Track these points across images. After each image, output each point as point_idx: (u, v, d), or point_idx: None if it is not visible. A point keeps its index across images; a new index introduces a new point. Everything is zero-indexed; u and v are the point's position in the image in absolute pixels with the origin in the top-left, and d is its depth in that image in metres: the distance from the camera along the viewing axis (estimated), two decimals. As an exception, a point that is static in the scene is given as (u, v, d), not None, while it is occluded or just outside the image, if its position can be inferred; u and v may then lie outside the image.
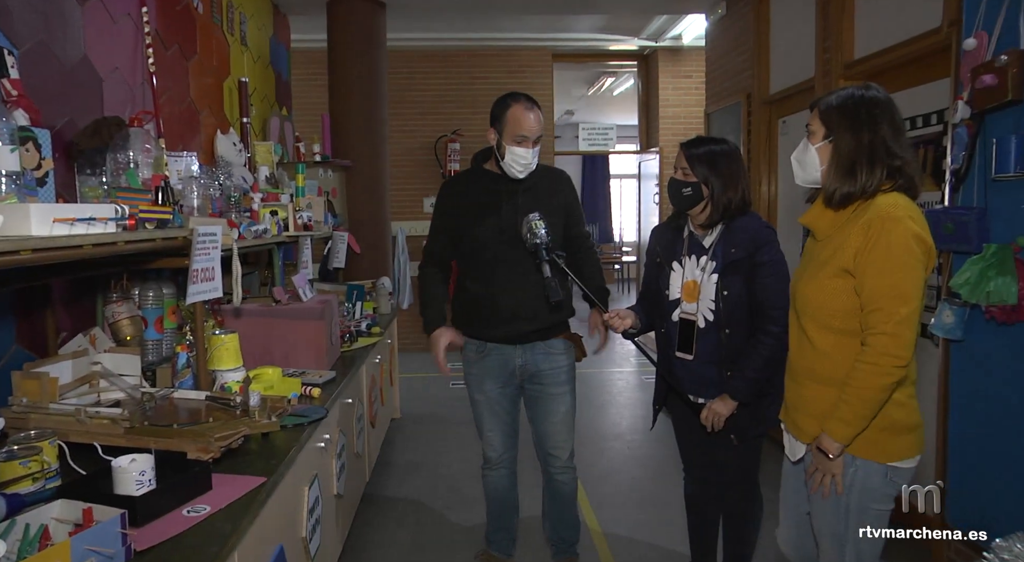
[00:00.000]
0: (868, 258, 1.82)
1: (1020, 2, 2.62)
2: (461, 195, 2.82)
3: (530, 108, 2.68)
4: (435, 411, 5.81)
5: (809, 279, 2.00)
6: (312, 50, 7.25)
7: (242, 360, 2.58)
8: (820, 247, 2.01)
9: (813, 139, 2.00)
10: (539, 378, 2.86)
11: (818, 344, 1.98)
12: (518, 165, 2.69)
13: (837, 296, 1.91)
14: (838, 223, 1.96)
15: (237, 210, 3.27)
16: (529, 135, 2.66)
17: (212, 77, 3.91)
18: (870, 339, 1.82)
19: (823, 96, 2.02)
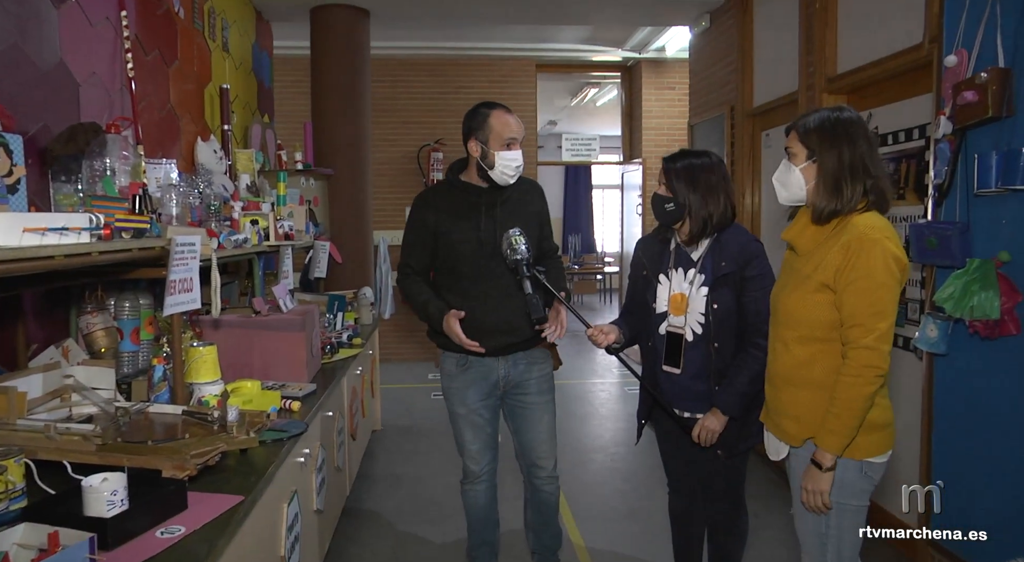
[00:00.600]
0: (848, 277, 1.90)
1: (997, 21, 2.65)
2: (437, 208, 2.77)
3: (509, 111, 2.70)
4: (417, 423, 5.75)
5: (792, 292, 2.06)
6: (295, 57, 7.18)
7: (220, 373, 2.52)
8: (801, 261, 2.07)
9: (795, 160, 2.05)
10: (522, 388, 2.84)
11: (797, 352, 2.05)
12: (511, 169, 2.66)
13: (819, 309, 1.98)
14: (819, 239, 2.03)
15: (217, 219, 3.22)
16: (517, 137, 2.65)
17: (193, 83, 3.86)
18: (851, 353, 1.91)
19: (798, 119, 2.11)
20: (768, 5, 4.75)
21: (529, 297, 2.41)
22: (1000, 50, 2.61)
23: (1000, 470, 2.68)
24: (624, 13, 5.78)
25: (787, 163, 2.07)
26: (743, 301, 2.47)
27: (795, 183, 2.04)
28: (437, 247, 2.76)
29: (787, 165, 2.07)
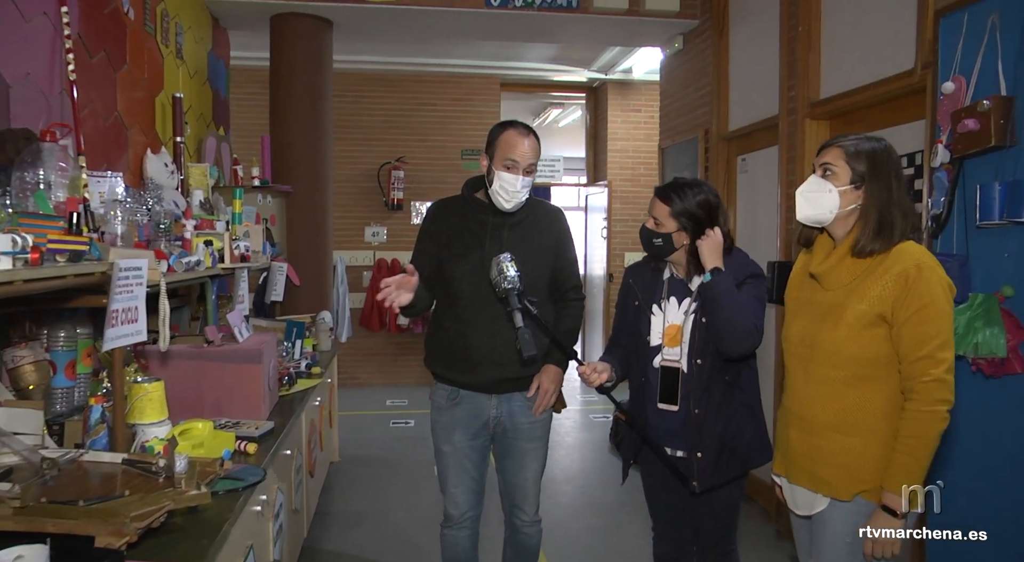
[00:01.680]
0: (910, 307, 1.80)
1: (998, 48, 2.56)
2: (447, 222, 2.60)
3: (525, 134, 2.49)
4: (377, 453, 5.47)
5: (835, 328, 1.91)
6: (253, 68, 6.90)
7: (168, 412, 2.26)
8: (835, 295, 1.93)
9: (836, 180, 1.92)
10: (515, 432, 2.63)
11: (848, 395, 1.92)
12: (505, 194, 2.48)
13: (873, 345, 1.87)
14: (856, 272, 1.90)
15: (167, 239, 2.95)
16: (520, 160, 2.45)
17: (143, 91, 3.59)
18: (920, 387, 1.80)
19: (842, 137, 1.99)
20: (745, 27, 4.67)
21: (520, 331, 2.19)
22: (1001, 78, 2.51)
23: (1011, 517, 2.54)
24: (595, 32, 5.65)
25: (820, 180, 1.94)
26: None
27: (827, 204, 1.92)
28: (440, 263, 2.58)
29: (820, 182, 1.94)
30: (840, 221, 1.93)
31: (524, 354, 2.17)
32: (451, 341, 2.56)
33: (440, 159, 7.93)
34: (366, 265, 7.84)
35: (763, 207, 4.40)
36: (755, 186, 4.55)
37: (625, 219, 8.17)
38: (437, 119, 7.95)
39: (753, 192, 4.57)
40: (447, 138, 7.95)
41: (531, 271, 2.41)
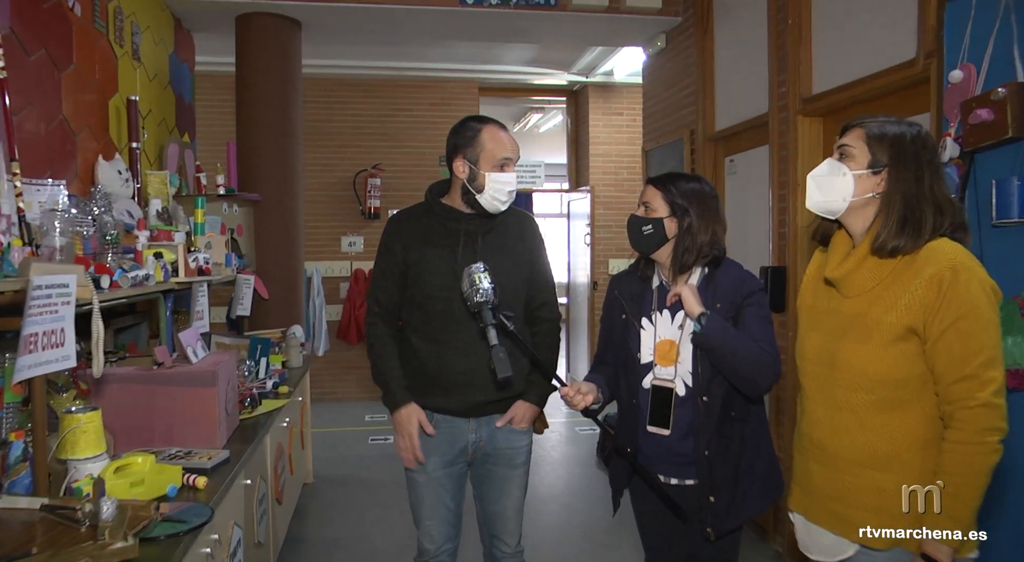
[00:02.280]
0: (945, 317, 1.54)
1: (1013, 32, 2.37)
2: (410, 233, 2.36)
3: (505, 129, 2.32)
4: (353, 472, 5.22)
5: (857, 343, 1.65)
6: (220, 74, 6.65)
7: (106, 444, 2.02)
8: (856, 303, 1.68)
9: (852, 163, 1.68)
10: (494, 458, 2.41)
11: (876, 423, 1.65)
12: (502, 195, 2.28)
13: (903, 362, 1.60)
14: (880, 274, 1.65)
15: (114, 251, 2.70)
16: (513, 156, 2.28)
17: (94, 93, 3.34)
18: (963, 414, 1.53)
19: (865, 118, 1.73)
20: (731, 23, 4.49)
21: (495, 350, 1.95)
22: (1018, 63, 2.33)
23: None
24: (574, 31, 5.46)
25: (836, 163, 1.71)
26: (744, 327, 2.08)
27: (839, 189, 1.68)
28: (407, 279, 2.35)
29: (835, 165, 1.70)
30: (856, 212, 1.69)
31: (498, 375, 1.94)
32: (423, 363, 2.33)
33: (418, 166, 7.70)
34: (343, 276, 7.59)
35: (753, 209, 4.20)
36: (744, 188, 4.36)
37: (609, 225, 7.97)
38: (414, 125, 7.73)
39: (743, 194, 4.39)
40: (425, 144, 7.72)
41: (507, 284, 2.19)
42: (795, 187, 3.69)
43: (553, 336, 2.50)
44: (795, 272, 3.68)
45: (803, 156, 3.67)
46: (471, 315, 2.16)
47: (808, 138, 3.67)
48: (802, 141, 3.67)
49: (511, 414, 2.39)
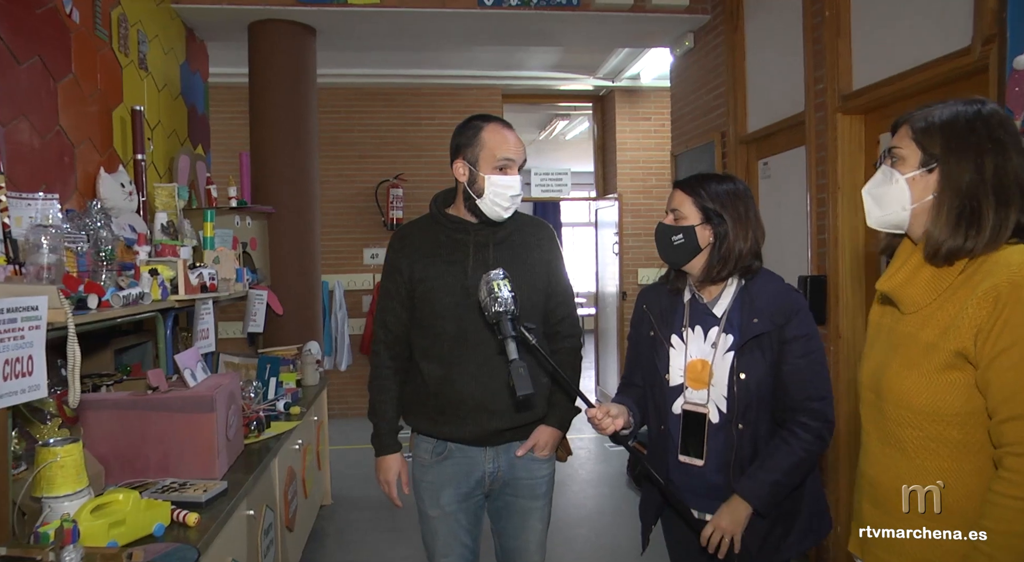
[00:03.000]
0: (998, 343, 1.27)
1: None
2: (415, 249, 2.17)
3: (509, 128, 2.12)
4: (373, 492, 5.01)
5: (905, 370, 1.41)
6: (238, 85, 6.54)
7: (88, 480, 1.85)
8: (912, 322, 1.43)
9: (903, 166, 1.43)
10: (514, 489, 2.21)
11: (924, 465, 1.39)
12: (504, 200, 2.07)
13: (953, 394, 1.34)
14: (939, 288, 1.39)
15: (109, 268, 2.55)
16: (515, 158, 2.08)
17: (96, 104, 3.21)
18: (1012, 461, 1.26)
19: (915, 111, 1.47)
20: (762, 19, 4.26)
21: (514, 365, 1.72)
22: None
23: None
24: (597, 33, 5.26)
25: (888, 169, 1.46)
26: (783, 370, 1.89)
27: (895, 198, 1.44)
28: (414, 298, 2.16)
29: (888, 171, 1.46)
30: (918, 219, 1.43)
31: (518, 392, 1.70)
32: (434, 389, 2.14)
33: (441, 175, 7.52)
34: (366, 289, 7.43)
35: (789, 215, 3.96)
36: (780, 192, 4.12)
37: (637, 233, 7.74)
38: (436, 134, 7.56)
39: (778, 199, 4.14)
40: (447, 153, 7.43)
41: (523, 297, 1.98)
42: (835, 190, 3.45)
43: (575, 355, 2.30)
44: (836, 282, 3.44)
45: (843, 157, 3.43)
46: (488, 330, 1.98)
47: (848, 137, 3.42)
48: (842, 141, 3.43)
49: (532, 441, 2.19)
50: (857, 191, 3.38)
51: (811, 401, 1.88)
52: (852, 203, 3.41)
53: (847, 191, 3.41)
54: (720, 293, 1.98)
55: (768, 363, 1.89)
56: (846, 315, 3.37)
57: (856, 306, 3.40)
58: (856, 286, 3.40)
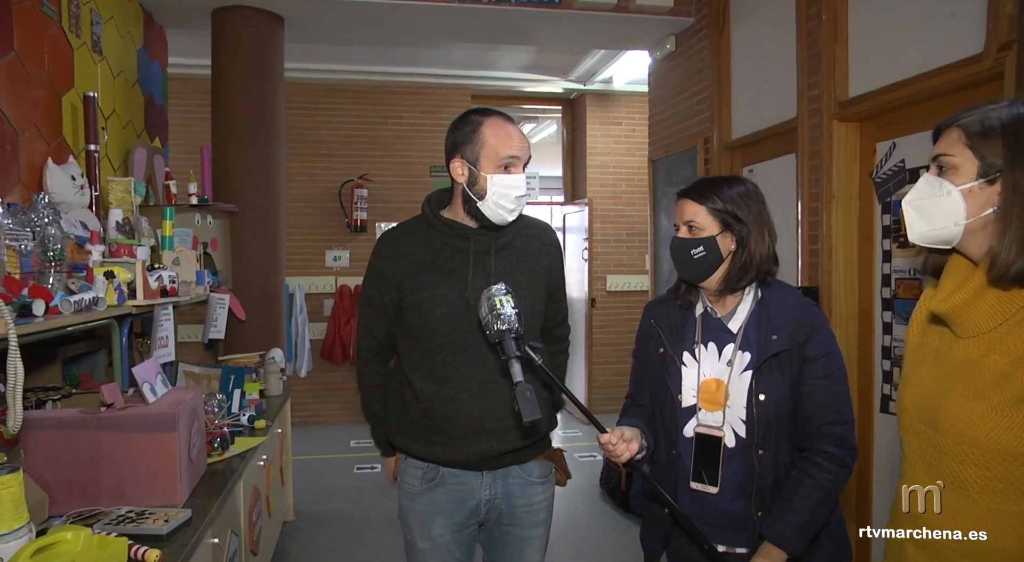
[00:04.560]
0: None
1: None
2: (404, 254, 1.97)
3: (511, 122, 1.93)
4: (338, 507, 4.80)
5: (970, 401, 1.25)
6: (198, 77, 6.26)
7: (28, 514, 1.61)
8: (971, 347, 1.28)
9: (955, 176, 1.27)
10: (512, 517, 2.03)
11: (990, 508, 1.23)
12: (509, 202, 1.88)
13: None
14: (1007, 312, 1.23)
15: (58, 269, 2.30)
16: (520, 155, 1.89)
17: (43, 88, 2.93)
18: None
19: (963, 113, 1.30)
20: (750, 23, 4.15)
21: (519, 388, 1.54)
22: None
23: None
24: (577, 33, 5.11)
25: (935, 179, 1.30)
26: (802, 392, 1.76)
27: (947, 212, 1.28)
28: (404, 308, 1.96)
29: (935, 182, 1.30)
30: (975, 235, 1.28)
31: (524, 418, 1.53)
32: (427, 408, 1.94)
33: (407, 176, 7.32)
34: (327, 292, 7.17)
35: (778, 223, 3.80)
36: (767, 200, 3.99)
37: (607, 239, 7.62)
38: (404, 133, 7.35)
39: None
40: (414, 153, 7.35)
41: (526, 307, 1.80)
42: (829, 199, 3.34)
43: (565, 355, 2.23)
44: (829, 294, 3.33)
45: (838, 165, 3.32)
46: (488, 347, 1.81)
47: (844, 145, 3.32)
48: (837, 148, 3.32)
49: None
50: (852, 200, 3.33)
51: (833, 426, 1.75)
52: (847, 212, 3.31)
53: (842, 200, 3.30)
54: (736, 307, 1.84)
55: (788, 383, 1.76)
56: (840, 327, 3.26)
57: (850, 318, 3.29)
58: (850, 298, 3.29)
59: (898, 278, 3.05)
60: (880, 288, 3.16)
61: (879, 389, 3.13)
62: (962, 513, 1.28)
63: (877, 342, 3.17)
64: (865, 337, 3.23)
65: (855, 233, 3.30)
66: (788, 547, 1.71)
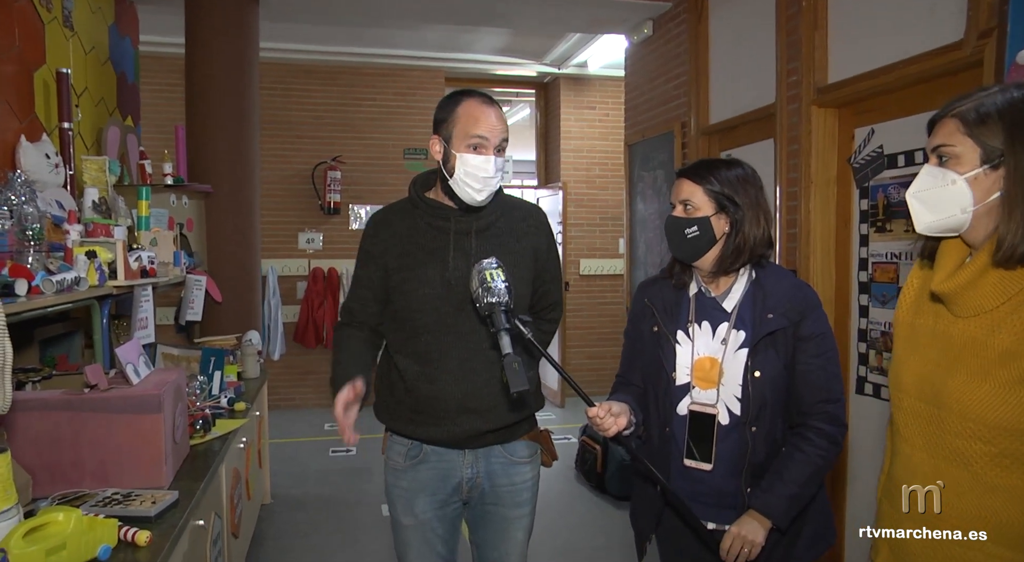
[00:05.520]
0: None
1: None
2: (394, 235, 1.98)
3: (489, 104, 1.90)
4: (313, 490, 4.78)
5: (976, 379, 1.28)
6: (169, 55, 6.14)
7: (16, 495, 1.59)
8: (974, 326, 1.31)
9: (958, 165, 1.29)
10: (495, 497, 2.04)
11: (994, 481, 1.26)
12: (475, 182, 1.88)
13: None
14: (1009, 291, 1.26)
15: (37, 248, 2.25)
16: (490, 136, 1.87)
17: (14, 63, 2.85)
18: None
19: (959, 101, 1.33)
20: (728, 8, 4.18)
21: (507, 359, 1.57)
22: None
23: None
24: (554, 16, 5.10)
25: (936, 169, 1.32)
26: (796, 370, 1.80)
27: (953, 201, 1.30)
28: (389, 288, 1.97)
29: (938, 172, 1.31)
30: (980, 221, 1.30)
31: (512, 389, 1.55)
32: (411, 386, 1.95)
33: (380, 158, 7.25)
34: (300, 275, 7.10)
35: (755, 208, 3.89)
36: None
37: (580, 223, 7.65)
38: (377, 115, 7.28)
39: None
40: (388, 136, 7.28)
41: None
42: (808, 184, 3.38)
43: (551, 333, 2.24)
44: (807, 277, 3.38)
45: (817, 151, 3.37)
46: (471, 323, 1.87)
47: (822, 131, 3.36)
48: (816, 134, 3.37)
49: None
50: (830, 185, 3.37)
51: (826, 404, 1.80)
52: (825, 197, 3.36)
53: (820, 185, 3.35)
54: (730, 287, 1.87)
55: (783, 361, 1.80)
56: (816, 311, 3.31)
57: (827, 301, 3.34)
58: (827, 281, 3.35)
59: (875, 262, 3.11)
60: (857, 272, 3.22)
61: (855, 370, 3.20)
62: (965, 485, 1.31)
63: (853, 325, 3.23)
64: (841, 320, 3.29)
65: (832, 217, 3.35)
66: (774, 516, 1.75)
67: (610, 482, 4.60)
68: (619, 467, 4.51)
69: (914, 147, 2.91)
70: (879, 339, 3.09)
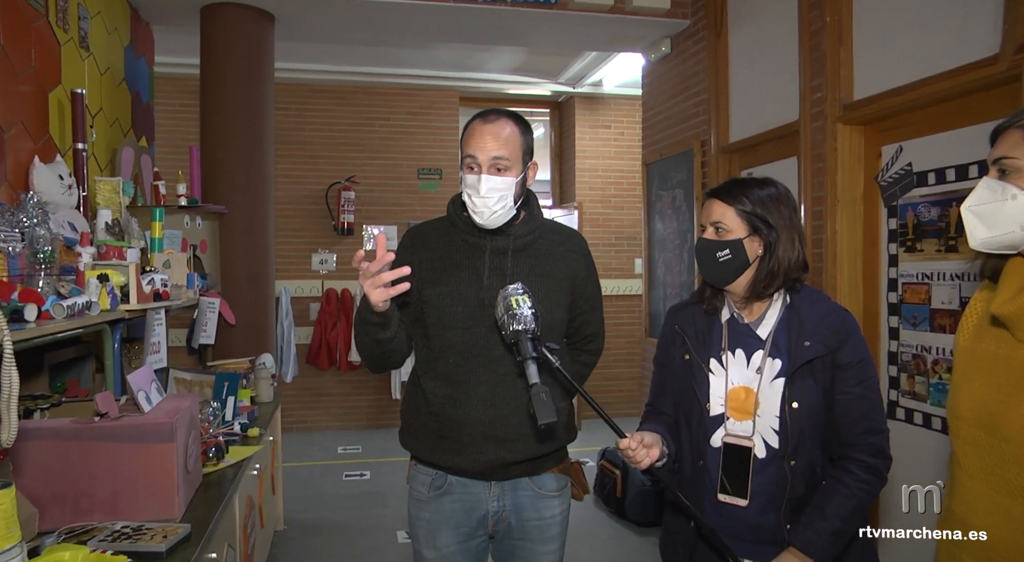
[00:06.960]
0: None
1: None
2: (429, 250, 1.93)
3: (488, 120, 1.83)
4: (329, 516, 4.69)
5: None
6: (183, 76, 6.16)
7: (20, 532, 1.51)
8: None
9: (1019, 179, 1.23)
10: (522, 531, 1.95)
11: None
12: (471, 203, 1.82)
13: None
14: None
15: (48, 271, 2.20)
16: (477, 154, 1.80)
17: (29, 83, 2.82)
18: None
19: (1021, 114, 1.27)
20: (750, 25, 4.12)
21: (535, 390, 1.51)
22: None
23: None
24: (571, 34, 5.05)
25: (997, 182, 1.26)
26: (836, 400, 1.71)
27: (1012, 216, 1.24)
28: (421, 303, 1.90)
29: (997, 186, 1.26)
30: None
31: (539, 421, 1.49)
32: (436, 410, 1.88)
33: (394, 179, 7.22)
34: (313, 296, 7.05)
35: (778, 227, 3.81)
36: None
37: (595, 243, 7.54)
38: (391, 135, 7.25)
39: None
40: (402, 156, 7.25)
41: (544, 313, 1.74)
42: (834, 203, 3.30)
43: (589, 368, 2.14)
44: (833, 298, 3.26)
45: (843, 169, 3.29)
46: (504, 346, 1.76)
47: (848, 149, 3.29)
48: (842, 152, 3.29)
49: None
50: (857, 204, 3.29)
51: (868, 434, 1.71)
52: (851, 216, 3.27)
53: (847, 203, 3.27)
54: (764, 312, 1.79)
55: (821, 391, 1.72)
56: (845, 334, 3.22)
57: (855, 324, 3.25)
58: (855, 303, 3.25)
59: (905, 283, 3.02)
60: (887, 293, 3.12)
61: (886, 395, 3.09)
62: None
63: (883, 347, 3.13)
64: (871, 342, 3.18)
65: (860, 237, 3.27)
66: (816, 554, 1.66)
67: (630, 508, 4.48)
68: (639, 492, 4.40)
69: (945, 164, 2.82)
70: (911, 362, 2.99)
